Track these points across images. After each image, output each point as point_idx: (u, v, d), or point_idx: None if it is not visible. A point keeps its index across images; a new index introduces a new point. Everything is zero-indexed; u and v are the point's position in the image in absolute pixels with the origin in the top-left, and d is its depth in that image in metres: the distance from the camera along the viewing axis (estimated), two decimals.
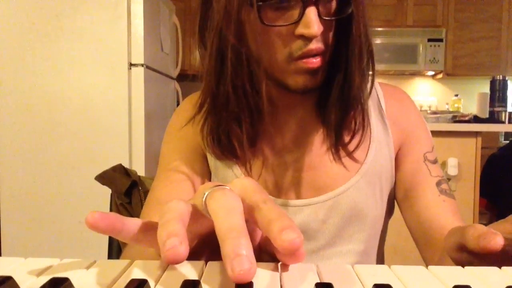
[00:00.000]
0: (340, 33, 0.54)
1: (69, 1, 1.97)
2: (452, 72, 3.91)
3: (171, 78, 2.59)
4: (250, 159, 0.62)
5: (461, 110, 3.83)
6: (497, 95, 2.71)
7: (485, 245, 0.34)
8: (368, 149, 0.64)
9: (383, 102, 0.67)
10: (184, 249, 0.26)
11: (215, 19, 0.54)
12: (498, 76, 2.74)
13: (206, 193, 0.31)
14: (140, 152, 2.02)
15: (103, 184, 0.88)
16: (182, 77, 2.87)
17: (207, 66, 0.57)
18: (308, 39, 0.51)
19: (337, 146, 0.60)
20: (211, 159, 0.66)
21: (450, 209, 0.61)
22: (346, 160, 0.61)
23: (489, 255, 0.34)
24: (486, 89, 3.00)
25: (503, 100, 2.70)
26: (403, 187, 0.66)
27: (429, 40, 3.86)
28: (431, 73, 4.13)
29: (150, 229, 0.32)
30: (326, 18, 0.52)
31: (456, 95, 4.00)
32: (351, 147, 0.60)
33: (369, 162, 0.64)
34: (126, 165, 1.17)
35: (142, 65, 2.01)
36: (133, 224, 0.31)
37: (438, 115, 2.54)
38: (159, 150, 0.72)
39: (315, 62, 0.53)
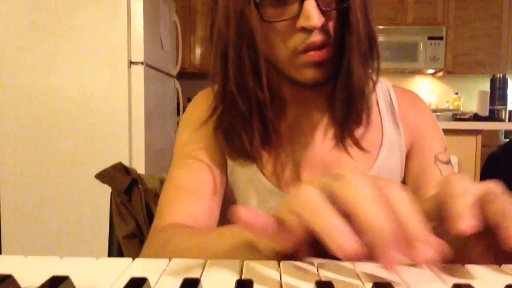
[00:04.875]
0: (343, 23, 0.55)
1: (69, 0, 1.97)
2: (452, 70, 3.91)
3: (171, 76, 2.59)
4: (264, 158, 0.62)
5: (461, 108, 3.83)
6: (497, 93, 2.71)
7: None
8: (381, 147, 0.64)
9: (395, 103, 0.68)
10: (361, 248, 0.27)
11: (216, 20, 0.55)
12: (498, 74, 2.74)
13: (329, 181, 0.31)
14: (140, 150, 2.02)
15: (103, 182, 0.88)
16: (182, 75, 2.87)
17: (212, 67, 0.58)
18: (309, 31, 0.52)
19: (343, 135, 0.60)
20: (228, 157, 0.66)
21: None
22: (360, 156, 0.62)
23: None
24: (486, 87, 3.00)
25: (503, 98, 2.70)
26: (410, 187, 0.66)
27: (429, 38, 3.85)
28: (431, 71, 4.12)
29: (275, 222, 0.32)
30: (326, 9, 0.52)
31: (456, 93, 4.00)
32: (357, 135, 0.61)
33: (381, 160, 0.64)
34: (126, 163, 1.17)
35: (142, 63, 2.01)
36: (269, 219, 0.31)
37: (438, 113, 2.54)
38: (159, 148, 0.72)
39: (320, 54, 0.53)
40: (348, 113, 0.59)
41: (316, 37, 0.52)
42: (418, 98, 0.71)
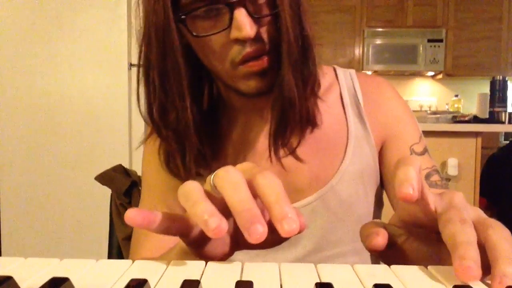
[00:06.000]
0: (277, 29, 0.52)
1: (69, 1, 1.97)
2: (452, 72, 3.91)
3: None
4: (206, 176, 0.61)
5: (461, 111, 3.83)
6: (497, 95, 2.70)
7: (369, 246, 0.36)
8: (346, 147, 0.61)
9: (360, 96, 0.64)
10: (225, 224, 0.30)
11: (141, 41, 0.55)
12: (498, 77, 2.73)
13: (212, 176, 0.35)
14: (140, 152, 2.02)
15: (103, 184, 0.88)
16: None
17: (137, 89, 0.58)
18: (243, 41, 0.49)
19: (276, 146, 0.57)
20: None
21: None
22: (324, 160, 0.60)
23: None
24: (486, 89, 2.99)
25: (503, 101, 2.69)
26: (390, 185, 0.63)
27: (429, 40, 3.86)
28: (431, 73, 4.13)
29: (175, 219, 0.35)
30: (258, 16, 0.49)
31: (456, 96, 4.00)
32: (318, 138, 0.58)
33: (348, 160, 0.61)
34: (126, 165, 1.17)
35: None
36: (162, 216, 0.34)
37: (438, 115, 2.54)
38: None
39: (259, 63, 0.51)
40: (281, 124, 0.56)
41: (251, 47, 0.50)
42: (385, 85, 0.66)
